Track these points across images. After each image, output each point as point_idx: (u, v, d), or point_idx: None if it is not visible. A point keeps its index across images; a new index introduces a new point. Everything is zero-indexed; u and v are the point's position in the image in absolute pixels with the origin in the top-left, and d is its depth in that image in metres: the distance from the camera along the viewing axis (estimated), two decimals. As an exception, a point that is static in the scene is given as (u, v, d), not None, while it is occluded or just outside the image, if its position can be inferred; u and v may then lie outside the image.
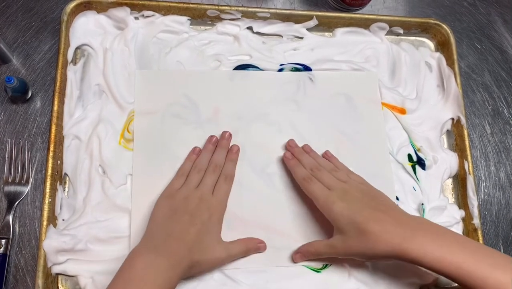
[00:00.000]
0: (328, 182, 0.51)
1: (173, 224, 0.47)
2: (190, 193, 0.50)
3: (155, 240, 0.46)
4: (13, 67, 0.57)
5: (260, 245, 0.53)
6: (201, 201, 0.50)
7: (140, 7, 0.59)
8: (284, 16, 0.62)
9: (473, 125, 0.65)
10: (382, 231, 0.45)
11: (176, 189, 0.51)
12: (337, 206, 0.48)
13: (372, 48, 0.64)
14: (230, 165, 0.55)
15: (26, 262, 0.51)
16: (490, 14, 0.71)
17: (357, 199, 0.49)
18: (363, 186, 0.52)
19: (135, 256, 0.44)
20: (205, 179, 0.52)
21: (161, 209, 0.49)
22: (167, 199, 0.50)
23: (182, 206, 0.49)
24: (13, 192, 0.52)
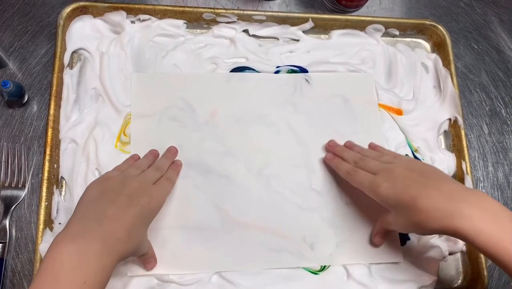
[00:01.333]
0: (373, 168, 0.50)
1: (106, 205, 0.41)
2: (127, 179, 0.45)
3: (85, 222, 0.40)
4: (9, 71, 0.57)
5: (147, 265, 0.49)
6: (140, 186, 0.45)
7: (136, 11, 0.59)
8: (280, 18, 0.62)
9: (470, 126, 0.65)
10: (431, 208, 0.42)
11: (109, 176, 0.46)
12: (383, 188, 0.46)
13: (368, 50, 0.64)
14: (173, 172, 0.52)
15: (23, 266, 0.50)
16: (486, 14, 0.71)
17: (403, 177, 0.46)
18: (410, 164, 0.49)
19: (60, 244, 0.37)
20: (145, 172, 0.48)
21: (90, 193, 0.43)
22: (98, 184, 0.45)
23: (117, 188, 0.43)
24: (9, 196, 0.52)
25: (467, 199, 0.42)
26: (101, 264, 0.37)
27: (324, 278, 0.53)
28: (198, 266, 0.51)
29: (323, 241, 0.54)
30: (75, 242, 0.37)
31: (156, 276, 0.50)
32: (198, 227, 0.53)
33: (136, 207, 0.42)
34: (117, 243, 0.39)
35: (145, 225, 0.45)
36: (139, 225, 0.43)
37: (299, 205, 0.55)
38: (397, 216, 0.47)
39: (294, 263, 0.53)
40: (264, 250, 0.53)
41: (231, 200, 0.54)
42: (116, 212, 0.41)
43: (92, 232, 0.39)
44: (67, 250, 0.37)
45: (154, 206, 0.45)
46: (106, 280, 0.39)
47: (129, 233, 0.41)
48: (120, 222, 0.41)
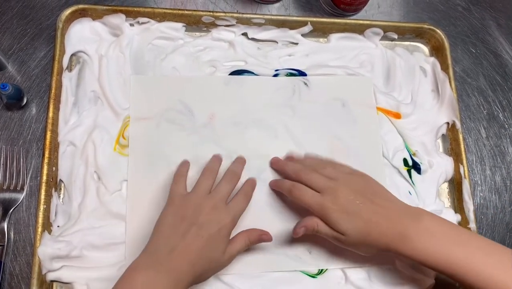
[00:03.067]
0: (317, 185, 0.49)
1: (178, 236, 0.44)
2: (201, 200, 0.47)
3: (157, 254, 0.44)
4: (8, 74, 0.57)
5: (263, 237, 0.50)
6: (213, 211, 0.46)
7: (135, 14, 0.59)
8: (279, 22, 0.62)
9: (468, 129, 0.65)
10: (379, 235, 0.46)
11: (182, 194, 0.48)
12: (333, 214, 0.47)
13: (366, 54, 0.64)
14: (249, 187, 0.52)
15: (21, 269, 0.50)
16: (484, 18, 0.71)
17: (350, 202, 0.48)
18: (353, 183, 0.50)
19: (135, 271, 0.42)
20: (220, 186, 0.49)
21: (167, 218, 0.46)
22: (174, 206, 0.47)
23: (191, 215, 0.46)
24: (8, 199, 0.52)
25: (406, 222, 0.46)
26: None
27: (322, 281, 0.53)
28: (196, 269, 0.51)
29: (321, 245, 0.54)
30: (147, 273, 0.41)
31: (154, 279, 0.50)
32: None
33: (202, 239, 0.44)
34: (182, 276, 0.43)
35: (215, 250, 0.46)
36: (205, 255, 0.45)
37: (297, 209, 0.55)
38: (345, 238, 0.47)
39: (291, 267, 0.53)
40: (261, 253, 0.53)
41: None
42: (185, 246, 0.44)
43: (161, 265, 0.42)
44: (139, 278, 0.41)
45: (224, 233, 0.46)
46: None
47: (193, 265, 0.44)
48: (186, 255, 0.43)
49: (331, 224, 0.48)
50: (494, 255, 0.44)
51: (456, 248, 0.44)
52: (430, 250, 0.45)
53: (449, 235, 0.46)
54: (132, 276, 0.42)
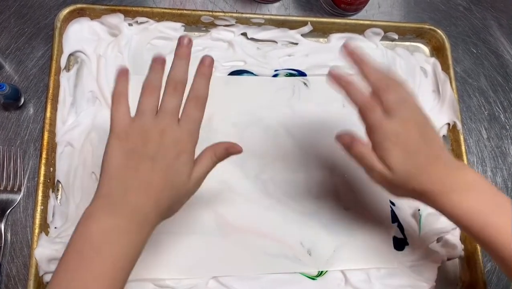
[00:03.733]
0: (392, 104, 0.43)
1: (131, 174, 0.38)
2: (147, 127, 0.39)
3: (112, 197, 0.37)
4: (5, 73, 0.56)
5: (230, 150, 0.44)
6: (163, 136, 0.39)
7: (134, 14, 0.58)
8: (279, 22, 0.61)
9: (469, 130, 0.64)
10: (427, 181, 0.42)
11: (125, 122, 0.40)
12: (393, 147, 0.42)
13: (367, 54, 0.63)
14: (200, 82, 0.42)
15: (18, 271, 0.50)
16: (485, 18, 0.71)
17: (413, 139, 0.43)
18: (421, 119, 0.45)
19: (89, 220, 0.36)
20: (164, 103, 0.40)
21: (114, 155, 0.38)
22: (119, 140, 0.39)
23: (140, 148, 0.38)
24: (5, 200, 0.52)
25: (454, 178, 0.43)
26: (129, 240, 0.37)
27: (322, 283, 0.53)
28: (194, 271, 0.51)
29: (320, 246, 0.54)
30: (104, 220, 0.36)
31: (152, 281, 0.50)
32: (195, 232, 0.52)
33: (161, 172, 0.38)
34: (146, 216, 0.38)
35: (178, 178, 0.40)
36: (169, 188, 0.39)
37: (296, 210, 0.55)
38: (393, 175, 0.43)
39: (291, 268, 0.53)
40: (261, 255, 0.53)
41: (228, 204, 0.54)
42: (141, 182, 0.38)
43: (120, 208, 0.37)
44: (95, 228, 0.36)
45: (185, 158, 0.40)
46: (137, 255, 0.38)
47: (156, 201, 0.38)
48: (146, 193, 0.38)
49: (384, 156, 0.43)
50: None
51: (495, 211, 0.42)
52: (470, 208, 0.42)
53: (489, 196, 0.43)
54: (87, 226, 0.36)
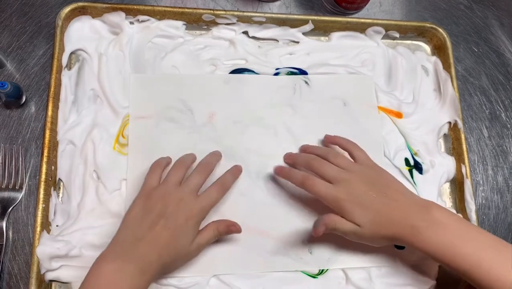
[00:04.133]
0: (329, 175, 0.49)
1: (145, 228, 0.45)
2: (169, 192, 0.47)
3: (124, 244, 0.44)
4: (7, 72, 0.56)
5: (231, 228, 0.50)
6: (180, 203, 0.47)
7: (135, 12, 0.58)
8: (280, 20, 0.61)
9: (470, 129, 0.64)
10: (392, 225, 0.47)
11: (153, 186, 0.48)
12: (348, 205, 0.47)
13: (368, 52, 0.64)
14: (229, 176, 0.52)
15: (20, 269, 0.50)
16: (487, 17, 0.71)
17: (363, 193, 0.48)
18: (366, 175, 0.50)
19: (102, 261, 0.43)
20: (190, 177, 0.49)
21: (134, 210, 0.47)
22: (143, 199, 0.47)
23: (158, 207, 0.46)
24: (6, 198, 0.52)
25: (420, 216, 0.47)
26: (134, 282, 0.42)
27: (323, 282, 0.53)
28: (196, 269, 0.51)
29: (321, 245, 0.54)
30: (114, 263, 0.42)
31: (153, 279, 0.50)
32: (196, 230, 0.53)
33: (169, 230, 0.45)
34: (149, 265, 0.43)
35: (182, 240, 0.46)
36: (173, 245, 0.45)
37: (297, 208, 0.55)
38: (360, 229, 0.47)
39: (292, 267, 0.53)
40: (262, 253, 0.53)
41: (229, 202, 0.54)
42: (151, 236, 0.44)
43: (129, 254, 0.43)
44: (106, 268, 0.42)
45: (192, 223, 0.47)
46: None
47: (160, 255, 0.44)
48: (153, 245, 0.44)
49: (346, 216, 0.48)
50: (504, 253, 0.44)
51: (465, 242, 0.45)
52: (439, 243, 0.45)
53: (458, 228, 0.46)
54: (100, 267, 0.42)
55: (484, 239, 0.46)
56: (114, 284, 0.41)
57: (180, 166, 0.50)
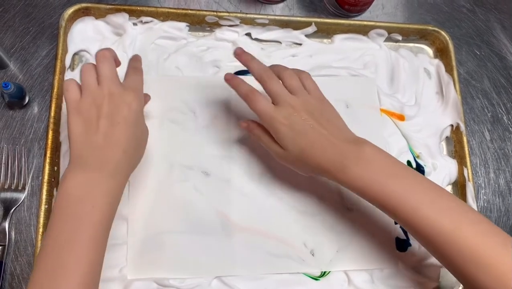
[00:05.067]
0: (275, 93, 0.48)
1: (94, 134, 0.42)
2: (94, 94, 0.44)
3: (81, 157, 0.42)
4: (10, 72, 0.56)
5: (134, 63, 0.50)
6: (112, 97, 0.44)
7: (139, 13, 0.59)
8: (283, 22, 0.61)
9: (472, 132, 0.65)
10: (320, 159, 0.46)
11: (76, 100, 0.44)
12: (281, 128, 0.47)
13: (370, 55, 0.64)
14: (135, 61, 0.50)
15: (22, 270, 0.50)
16: (489, 20, 0.71)
17: (301, 121, 0.47)
18: (311, 102, 0.49)
19: (65, 181, 0.41)
20: (100, 71, 0.45)
21: (75, 126, 0.43)
22: (75, 114, 0.43)
23: (95, 114, 0.43)
24: (9, 198, 0.52)
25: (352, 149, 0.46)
26: (106, 188, 0.41)
27: (325, 284, 0.53)
28: (198, 271, 0.51)
29: (324, 247, 0.54)
30: (76, 177, 0.41)
31: (155, 280, 0.50)
32: (199, 231, 0.53)
33: (119, 124, 0.43)
34: (117, 165, 0.43)
35: (138, 127, 0.46)
36: (131, 136, 0.44)
37: (299, 210, 0.55)
38: (288, 154, 0.48)
39: (294, 269, 0.53)
40: (264, 255, 0.53)
41: (232, 204, 0.54)
42: (105, 138, 0.42)
43: (93, 164, 0.42)
44: (72, 184, 0.41)
45: (136, 107, 0.45)
46: (116, 201, 0.43)
47: (125, 151, 0.43)
48: (112, 146, 0.43)
49: (276, 137, 0.48)
50: (431, 193, 0.44)
51: (393, 179, 0.44)
52: (366, 179, 0.44)
53: (387, 165, 0.45)
54: (64, 186, 0.41)
55: (413, 177, 0.45)
56: (86, 197, 0.40)
57: (88, 68, 0.46)
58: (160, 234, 0.52)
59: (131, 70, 0.49)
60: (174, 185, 0.54)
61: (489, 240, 0.41)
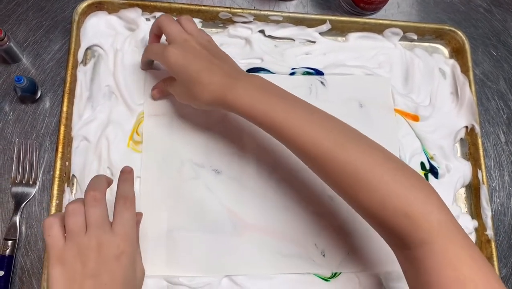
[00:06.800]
0: (171, 34, 0.50)
1: None
2: (80, 243, 0.39)
3: None
4: (23, 66, 0.56)
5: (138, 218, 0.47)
6: (101, 250, 0.39)
7: (152, 8, 0.58)
8: (297, 19, 0.61)
9: (487, 134, 0.64)
10: (209, 81, 0.47)
11: (59, 247, 0.39)
12: (173, 55, 0.48)
13: (385, 54, 0.63)
14: (124, 185, 0.44)
15: (32, 264, 0.50)
16: (506, 20, 0.70)
17: (195, 51, 0.48)
18: (206, 42, 0.50)
19: None
20: (89, 217, 0.40)
21: (56, 281, 0.38)
22: (58, 266, 0.38)
23: (79, 268, 0.38)
24: (20, 193, 0.52)
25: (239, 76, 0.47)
26: None
27: (335, 285, 0.53)
28: (208, 269, 0.51)
29: (334, 248, 0.54)
30: None
31: (165, 278, 0.50)
32: (209, 230, 0.52)
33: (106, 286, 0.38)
34: None
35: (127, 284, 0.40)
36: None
37: (310, 210, 0.55)
38: (180, 84, 0.49)
39: (304, 269, 0.53)
40: (274, 255, 0.53)
41: (242, 203, 0.54)
42: None
43: None
44: None
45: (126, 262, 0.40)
46: None
47: None
48: None
49: (168, 65, 0.49)
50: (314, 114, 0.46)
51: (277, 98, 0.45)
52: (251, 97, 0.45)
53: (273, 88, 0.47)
54: None
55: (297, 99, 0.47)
56: None
57: (74, 210, 0.40)
58: (171, 232, 0.51)
59: (121, 203, 0.42)
60: (185, 183, 0.53)
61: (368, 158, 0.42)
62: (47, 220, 0.40)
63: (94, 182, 0.42)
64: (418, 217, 0.39)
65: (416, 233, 0.39)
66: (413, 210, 0.39)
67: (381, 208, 0.40)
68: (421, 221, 0.39)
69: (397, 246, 0.42)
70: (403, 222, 0.39)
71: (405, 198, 0.40)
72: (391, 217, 0.40)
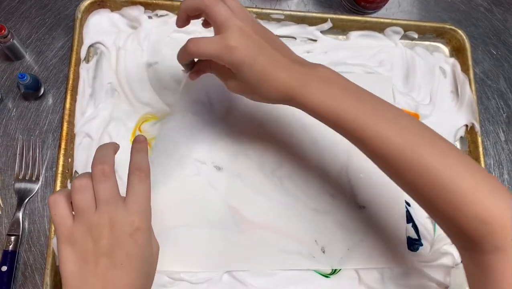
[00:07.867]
0: (219, 16, 0.41)
1: (91, 277, 0.35)
2: (92, 223, 0.36)
3: None
4: (26, 63, 0.57)
5: None
6: (113, 228, 0.36)
7: (154, 6, 0.58)
8: (299, 18, 0.61)
9: (487, 132, 0.64)
10: (276, 77, 0.42)
11: (68, 226, 0.36)
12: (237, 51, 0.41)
13: (386, 52, 0.63)
14: (138, 156, 0.40)
15: (35, 260, 0.50)
16: (506, 19, 0.70)
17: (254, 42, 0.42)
18: (262, 27, 0.45)
19: None
20: (100, 192, 0.37)
21: (68, 263, 0.36)
22: (68, 247, 0.36)
23: (91, 247, 0.36)
24: (23, 189, 0.52)
25: (307, 70, 0.43)
26: None
27: (335, 281, 0.53)
28: (209, 265, 0.51)
29: (334, 245, 0.54)
30: None
31: (167, 274, 0.50)
32: (210, 226, 0.53)
33: (122, 266, 0.36)
34: None
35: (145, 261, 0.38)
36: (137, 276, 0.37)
37: (311, 207, 0.55)
38: (241, 80, 0.43)
39: (305, 265, 0.53)
40: (275, 251, 0.53)
41: (244, 199, 0.54)
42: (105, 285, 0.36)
43: None
44: None
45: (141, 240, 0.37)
46: None
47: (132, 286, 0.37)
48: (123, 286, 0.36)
49: (231, 64, 0.42)
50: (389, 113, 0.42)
51: (348, 99, 0.42)
52: (322, 99, 0.42)
53: (343, 83, 0.44)
54: None
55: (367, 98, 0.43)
56: None
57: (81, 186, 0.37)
58: (172, 228, 0.52)
59: (135, 175, 0.39)
60: (186, 179, 0.54)
61: (444, 160, 0.40)
62: (51, 197, 0.37)
63: (101, 154, 0.39)
64: (497, 224, 0.37)
65: (491, 238, 0.38)
66: (492, 217, 0.38)
67: (459, 213, 0.39)
68: (500, 228, 0.37)
69: (466, 249, 0.41)
70: (479, 227, 0.38)
71: (485, 204, 0.38)
72: (467, 223, 0.38)
